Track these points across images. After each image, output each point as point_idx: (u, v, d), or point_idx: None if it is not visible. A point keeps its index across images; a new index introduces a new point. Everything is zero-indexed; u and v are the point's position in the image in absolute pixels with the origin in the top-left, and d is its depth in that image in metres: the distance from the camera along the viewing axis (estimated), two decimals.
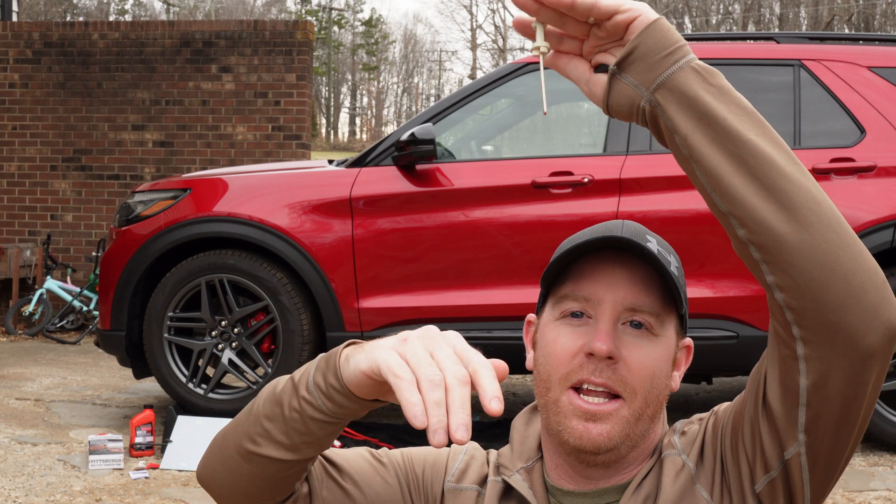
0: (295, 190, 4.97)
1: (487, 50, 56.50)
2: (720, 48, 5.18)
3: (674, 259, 1.22)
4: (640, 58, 1.01)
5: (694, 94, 1.00)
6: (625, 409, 1.16)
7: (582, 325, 1.19)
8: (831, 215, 1.00)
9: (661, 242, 1.22)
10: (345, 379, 1.02)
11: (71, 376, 6.69)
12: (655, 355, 1.18)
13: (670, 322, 1.21)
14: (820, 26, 36.32)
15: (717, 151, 1.01)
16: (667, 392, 1.21)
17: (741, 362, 4.74)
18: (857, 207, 4.58)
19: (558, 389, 1.18)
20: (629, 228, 1.20)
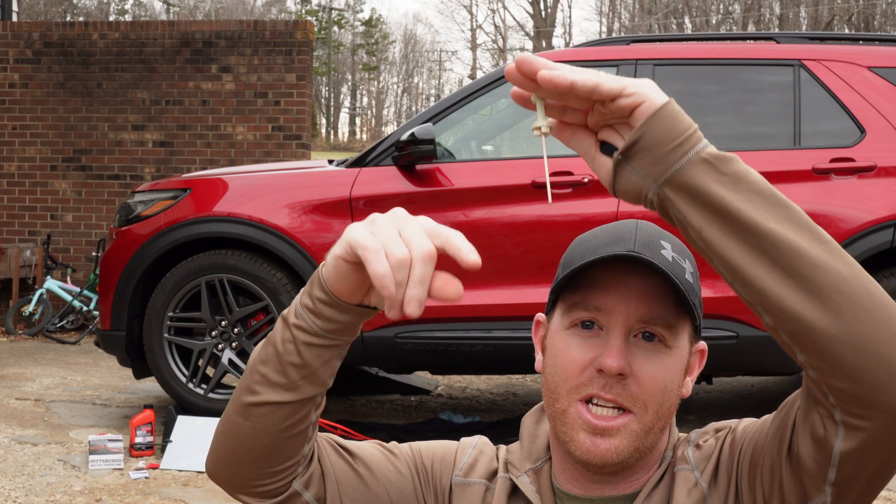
0: (295, 190, 4.97)
1: (487, 50, 56.51)
2: (720, 48, 5.18)
3: (689, 264, 1.19)
4: (646, 148, 0.95)
5: (705, 188, 0.94)
6: (634, 424, 1.14)
7: (593, 336, 1.16)
8: (863, 293, 0.94)
9: (678, 245, 1.19)
10: (326, 280, 1.03)
11: (71, 376, 6.69)
12: (667, 368, 1.16)
13: (684, 331, 1.19)
14: (820, 26, 36.32)
15: (734, 244, 0.95)
16: (678, 401, 1.20)
17: (741, 362, 4.74)
18: (857, 207, 4.58)
19: (566, 401, 1.16)
20: (643, 235, 1.17)
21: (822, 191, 4.62)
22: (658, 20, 41.00)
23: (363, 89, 64.12)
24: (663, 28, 41.18)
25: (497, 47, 54.19)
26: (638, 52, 4.99)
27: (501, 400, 6.14)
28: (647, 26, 41.06)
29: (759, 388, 6.26)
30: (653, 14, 41.44)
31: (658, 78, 4.90)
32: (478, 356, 4.71)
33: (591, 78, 0.94)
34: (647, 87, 0.95)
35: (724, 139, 4.90)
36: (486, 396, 6.25)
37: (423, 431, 5.07)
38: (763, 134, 4.88)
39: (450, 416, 5.38)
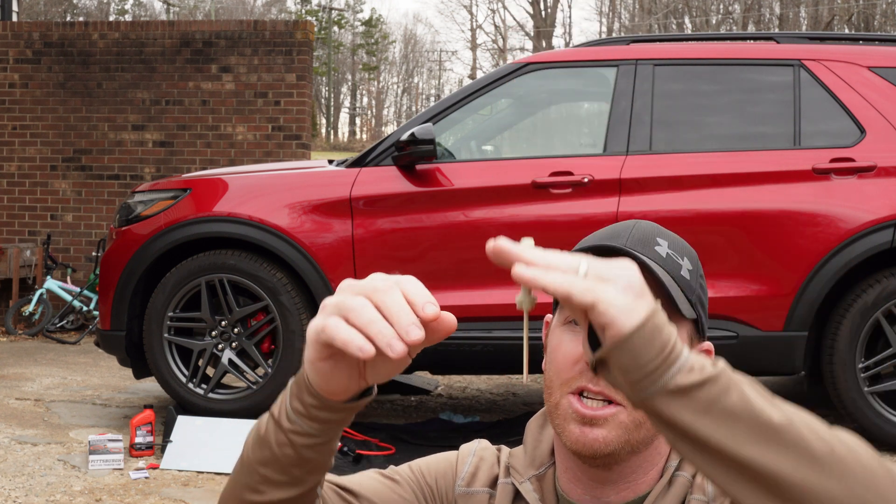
0: (295, 190, 4.97)
1: (487, 50, 56.51)
2: (720, 48, 5.18)
3: (687, 261, 1.19)
4: (613, 370, 0.89)
5: (674, 418, 0.88)
6: (623, 415, 1.14)
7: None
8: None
9: (675, 243, 1.20)
10: (314, 384, 0.98)
11: (71, 376, 6.69)
12: None
13: (681, 327, 1.16)
14: (820, 26, 36.32)
15: (707, 463, 0.90)
16: None
17: (741, 362, 4.73)
18: (857, 207, 4.58)
19: (559, 394, 1.17)
20: (639, 233, 1.18)
21: (822, 191, 4.62)
22: (658, 20, 40.99)
23: (363, 89, 64.14)
24: (663, 28, 41.18)
25: (497, 47, 54.18)
26: (638, 52, 4.99)
27: (501, 400, 6.14)
28: (647, 26, 41.05)
29: None
30: (653, 14, 41.44)
31: (658, 78, 4.90)
32: (478, 356, 4.71)
33: (563, 285, 0.86)
34: (620, 307, 0.85)
35: (724, 139, 4.91)
36: (486, 396, 6.25)
37: (423, 431, 5.07)
38: (763, 134, 4.88)
39: (450, 416, 5.38)
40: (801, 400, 5.69)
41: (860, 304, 4.54)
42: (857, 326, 4.53)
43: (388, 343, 0.87)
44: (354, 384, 0.98)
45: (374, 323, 0.88)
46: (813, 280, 4.56)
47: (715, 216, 4.67)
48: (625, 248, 1.14)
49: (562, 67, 5.12)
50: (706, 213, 4.67)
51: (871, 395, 4.54)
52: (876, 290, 4.54)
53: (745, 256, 4.63)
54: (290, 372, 4.84)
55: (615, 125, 4.84)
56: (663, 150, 4.83)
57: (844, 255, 4.54)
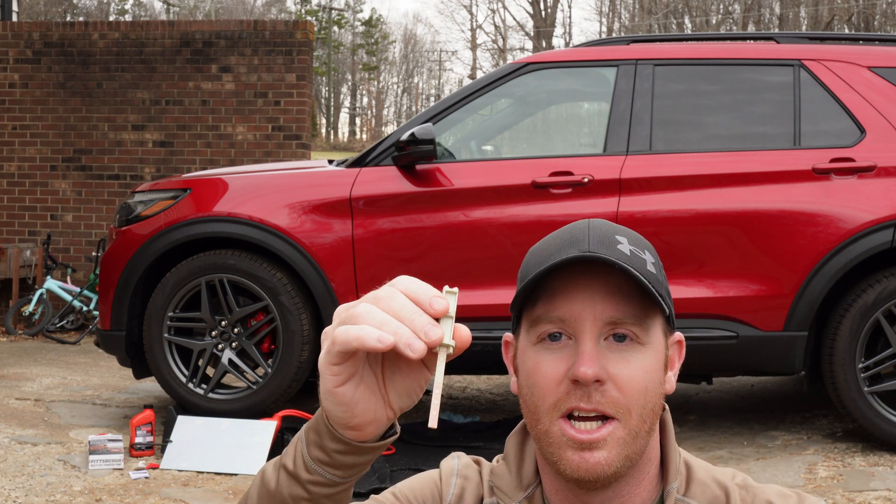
0: (295, 190, 4.97)
1: (487, 50, 56.50)
2: (720, 48, 5.18)
3: (649, 255, 1.13)
4: None
5: None
6: (620, 430, 1.08)
7: (562, 347, 1.10)
8: None
9: (634, 239, 1.14)
10: (336, 426, 0.94)
11: (71, 376, 6.69)
12: (645, 367, 1.09)
13: (656, 325, 1.12)
14: (820, 26, 36.31)
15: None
16: (662, 400, 1.14)
17: (741, 362, 4.74)
18: (857, 207, 4.57)
19: (548, 420, 1.10)
20: (597, 233, 1.12)
21: (822, 191, 4.62)
22: (658, 20, 40.99)
23: (363, 89, 64.13)
24: (663, 28, 41.17)
25: (497, 47, 54.18)
26: (638, 52, 4.99)
27: (501, 400, 6.14)
28: (647, 26, 41.05)
29: (759, 388, 6.26)
30: (653, 14, 41.43)
31: (658, 78, 4.90)
32: (478, 356, 4.70)
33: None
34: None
35: (724, 139, 4.91)
36: (486, 396, 6.25)
37: (423, 431, 5.07)
38: (763, 134, 4.88)
39: (450, 417, 5.38)
40: (802, 400, 5.69)
41: (860, 304, 4.54)
42: (857, 326, 4.53)
43: (408, 342, 0.84)
44: (381, 411, 0.94)
45: (388, 323, 0.85)
46: (813, 280, 4.55)
47: (715, 216, 4.67)
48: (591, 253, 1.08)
49: (562, 67, 5.12)
50: (706, 213, 4.67)
51: (871, 395, 4.54)
52: (876, 290, 4.54)
53: (745, 256, 4.63)
54: (290, 371, 4.85)
55: (615, 125, 4.84)
56: (663, 150, 4.83)
57: (844, 255, 4.54)
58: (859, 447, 4.64)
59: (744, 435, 4.97)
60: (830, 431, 4.96)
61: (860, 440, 4.70)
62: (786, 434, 4.95)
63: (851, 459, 4.47)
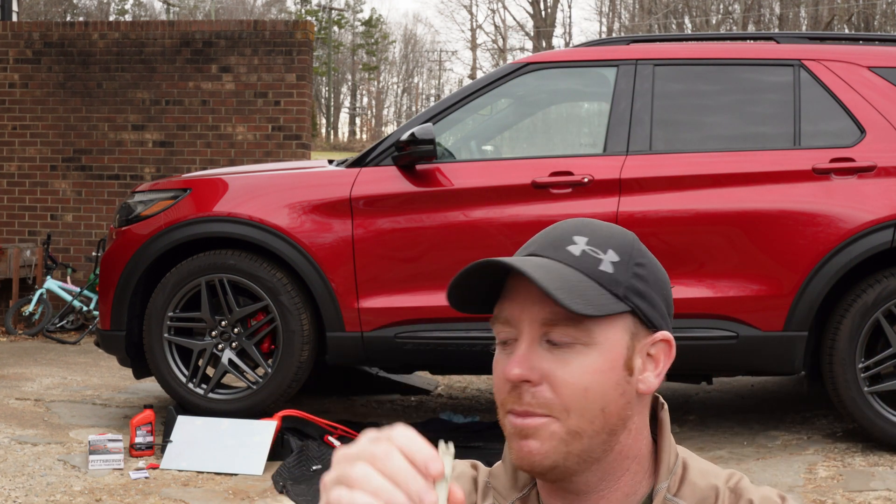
0: (295, 190, 4.97)
1: (487, 50, 56.49)
2: (720, 48, 5.18)
3: (612, 253, 1.12)
4: None
5: None
6: (555, 425, 1.08)
7: (512, 349, 1.14)
8: None
9: (599, 238, 1.13)
10: None
11: (71, 376, 6.69)
12: (586, 367, 1.09)
13: (609, 324, 1.10)
14: (820, 26, 36.31)
15: None
16: (628, 400, 1.12)
17: (741, 362, 4.74)
18: (857, 207, 4.57)
19: (501, 414, 1.14)
20: (555, 234, 1.14)
21: (822, 191, 4.62)
22: (658, 20, 40.98)
23: (363, 89, 64.13)
24: (663, 28, 41.17)
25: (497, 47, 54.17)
26: (638, 52, 4.99)
27: None
28: (647, 26, 41.05)
29: (759, 388, 6.26)
30: (653, 14, 41.43)
31: (658, 78, 4.90)
32: (478, 356, 4.71)
33: None
34: None
35: (724, 139, 4.91)
36: (486, 396, 6.25)
37: (423, 431, 5.06)
38: (763, 134, 4.88)
39: (450, 416, 5.38)
40: (802, 400, 5.69)
41: (860, 304, 4.54)
42: (857, 326, 4.53)
43: None
44: None
45: (383, 490, 0.83)
46: (813, 280, 4.55)
47: (715, 216, 4.67)
48: (498, 260, 1.09)
49: (562, 67, 5.12)
50: (706, 213, 4.67)
51: (871, 395, 4.54)
52: (876, 290, 4.54)
53: (745, 256, 4.63)
54: (290, 371, 4.84)
55: (615, 125, 4.84)
56: (663, 150, 4.83)
57: (844, 255, 4.54)
58: (859, 447, 4.64)
59: (744, 435, 4.97)
60: (830, 431, 4.96)
61: (860, 440, 4.70)
62: (786, 434, 4.95)
63: (851, 459, 4.47)
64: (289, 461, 4.40)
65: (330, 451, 4.55)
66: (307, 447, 4.52)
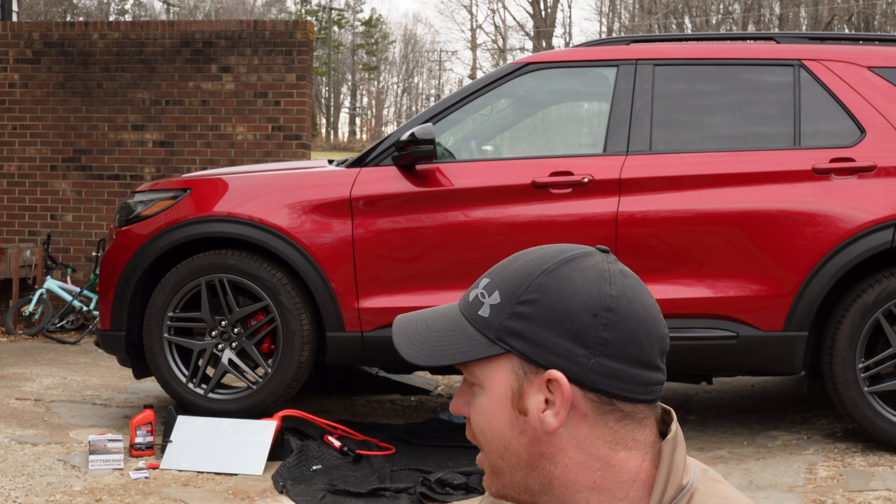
0: (295, 190, 4.97)
1: (487, 50, 56.49)
2: (720, 48, 5.18)
3: (497, 296, 1.11)
4: None
5: None
6: (485, 461, 1.17)
7: None
8: None
9: (496, 278, 1.13)
10: None
11: (71, 376, 6.69)
12: (479, 409, 1.15)
13: (490, 367, 1.11)
14: (820, 26, 36.30)
15: None
16: (529, 437, 1.10)
17: (741, 362, 4.74)
18: (857, 207, 4.57)
19: None
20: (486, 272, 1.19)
21: (822, 191, 4.62)
22: (658, 20, 40.98)
23: (363, 89, 64.12)
24: (663, 28, 41.16)
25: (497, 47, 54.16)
26: (638, 52, 4.99)
27: None
28: (647, 26, 41.04)
29: (759, 388, 6.26)
30: (653, 14, 41.43)
31: (658, 78, 4.90)
32: None
33: None
34: None
35: (724, 139, 4.91)
36: None
37: (423, 431, 5.07)
38: (763, 134, 4.88)
39: (449, 417, 5.38)
40: (802, 400, 5.69)
41: (860, 304, 4.54)
42: (857, 326, 4.53)
43: None
44: None
45: None
46: (813, 280, 4.55)
47: (715, 216, 4.67)
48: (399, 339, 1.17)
49: (562, 67, 5.12)
50: (706, 213, 4.67)
51: (871, 395, 4.54)
52: (876, 290, 4.54)
53: (745, 256, 4.63)
54: (290, 371, 4.84)
55: (615, 125, 4.84)
56: (663, 150, 4.83)
57: (844, 255, 4.54)
58: (859, 447, 4.64)
59: (744, 435, 4.97)
60: (830, 431, 4.96)
61: (860, 440, 4.70)
62: (786, 434, 4.95)
63: (851, 459, 4.47)
64: (289, 461, 4.40)
65: (330, 451, 4.55)
66: (307, 447, 4.52)
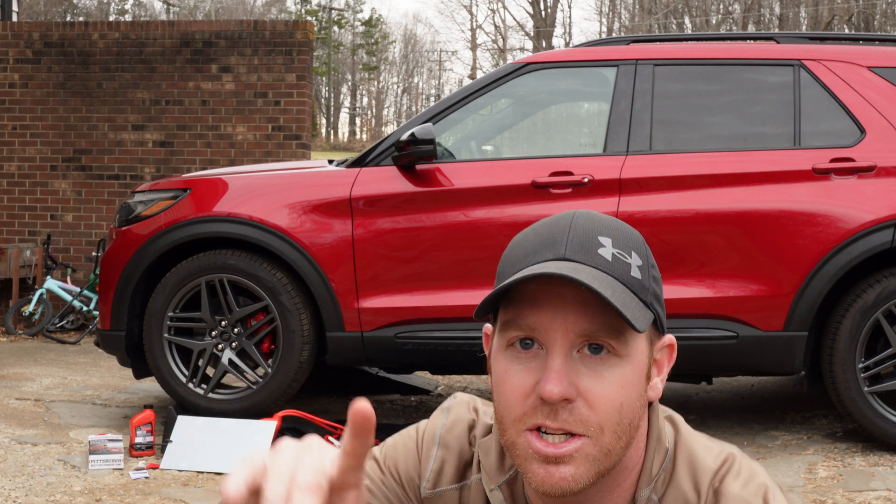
0: (295, 190, 4.97)
1: (487, 50, 56.50)
2: (720, 48, 5.18)
3: (636, 256, 1.05)
4: None
5: None
6: (590, 447, 1.01)
7: (532, 357, 1.03)
8: None
9: (621, 237, 1.05)
10: None
11: (71, 376, 6.69)
12: (621, 382, 1.02)
13: (637, 334, 1.03)
14: (820, 26, 36.31)
15: None
16: (643, 410, 1.07)
17: (741, 362, 4.74)
18: (857, 207, 4.57)
19: (514, 432, 1.04)
20: (578, 234, 1.04)
21: (822, 191, 4.62)
22: (658, 20, 40.99)
23: (363, 89, 64.13)
24: (663, 28, 41.18)
25: (497, 47, 54.17)
26: (638, 52, 4.99)
27: None
28: (647, 26, 41.06)
29: (759, 387, 6.26)
30: (653, 14, 41.44)
31: (658, 78, 4.90)
32: (478, 358, 4.71)
33: None
34: None
35: (724, 139, 4.91)
36: (486, 397, 6.25)
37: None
38: (763, 134, 4.88)
39: None
40: (802, 400, 5.69)
41: (860, 304, 4.54)
42: (857, 326, 4.53)
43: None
44: None
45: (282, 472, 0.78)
46: (813, 280, 4.55)
47: (715, 216, 4.67)
48: (561, 274, 0.98)
49: (562, 67, 5.12)
50: (706, 213, 4.67)
51: (871, 395, 4.54)
52: (876, 290, 4.54)
53: (745, 256, 4.63)
54: (290, 371, 4.84)
55: (615, 125, 4.84)
56: (663, 150, 4.83)
57: (844, 255, 4.54)
58: (859, 447, 4.64)
59: (744, 435, 4.97)
60: (830, 431, 4.96)
61: (860, 440, 4.70)
62: (786, 434, 4.95)
63: (851, 459, 4.47)
64: None
65: None
66: None
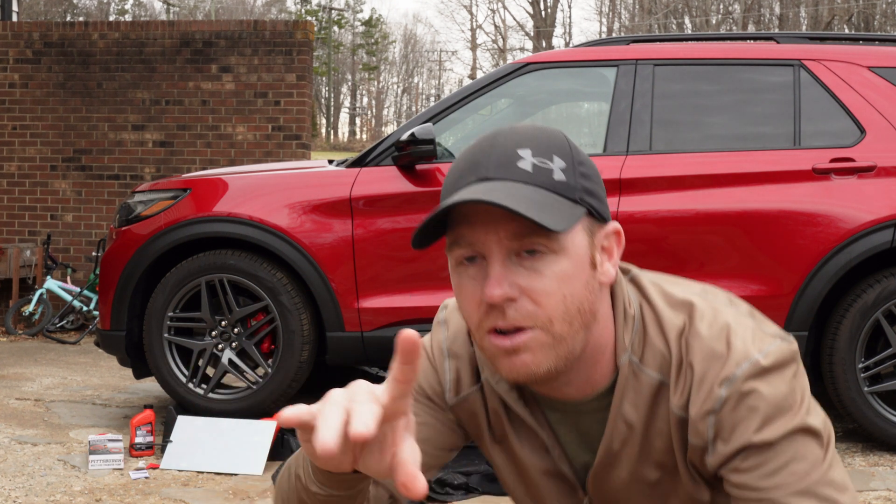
0: (295, 190, 4.97)
1: (487, 50, 56.50)
2: (720, 48, 5.18)
3: (558, 160, 1.13)
4: None
5: None
6: (542, 335, 1.13)
7: (478, 270, 1.15)
8: None
9: (542, 144, 1.14)
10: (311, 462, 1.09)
11: (71, 376, 6.69)
12: (561, 275, 1.12)
13: (572, 229, 1.13)
14: (820, 26, 36.31)
15: None
16: (595, 294, 1.16)
17: None
18: (857, 207, 4.57)
19: (479, 336, 1.17)
20: (499, 153, 1.13)
21: (822, 191, 4.62)
22: (658, 20, 40.99)
23: (363, 89, 64.13)
24: (663, 28, 41.18)
25: (497, 47, 54.17)
26: (638, 52, 4.99)
27: None
28: (647, 26, 41.06)
29: None
30: (653, 14, 41.44)
31: (658, 78, 4.90)
32: None
33: None
34: None
35: (724, 139, 4.91)
36: None
37: None
38: (763, 134, 4.88)
39: None
40: None
41: (860, 304, 4.54)
42: (857, 326, 4.53)
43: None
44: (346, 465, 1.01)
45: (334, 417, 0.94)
46: (813, 280, 4.55)
47: (715, 216, 4.67)
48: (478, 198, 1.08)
49: (562, 67, 5.12)
50: (706, 213, 4.67)
51: (871, 395, 4.54)
52: (876, 290, 4.54)
53: (745, 256, 4.63)
54: (290, 371, 4.85)
55: (615, 125, 4.84)
56: (663, 150, 4.83)
57: (844, 255, 4.54)
58: (859, 447, 4.64)
59: None
60: None
61: (860, 440, 4.70)
62: None
63: (851, 459, 4.47)
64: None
65: None
66: None
